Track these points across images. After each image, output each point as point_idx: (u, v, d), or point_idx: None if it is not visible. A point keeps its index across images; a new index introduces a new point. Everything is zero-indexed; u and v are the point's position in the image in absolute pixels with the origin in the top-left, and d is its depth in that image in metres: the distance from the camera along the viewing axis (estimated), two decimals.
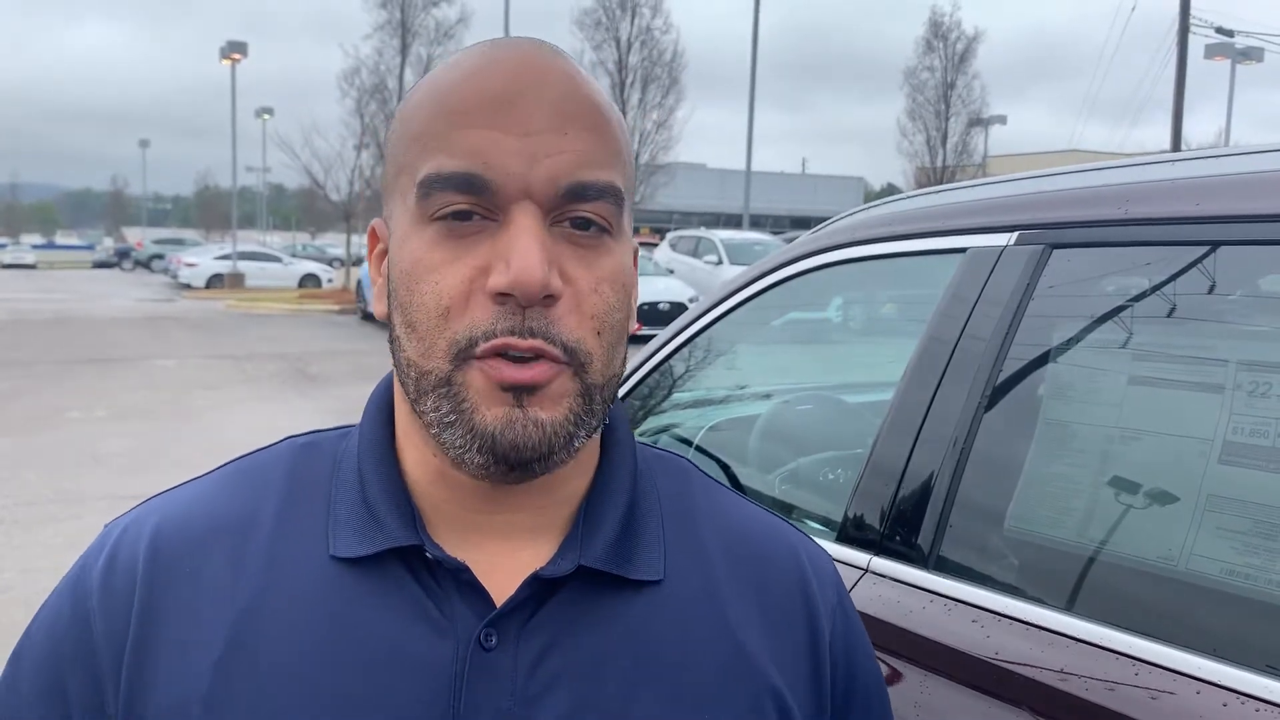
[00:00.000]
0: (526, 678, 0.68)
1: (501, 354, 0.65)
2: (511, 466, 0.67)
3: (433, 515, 0.73)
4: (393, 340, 0.71)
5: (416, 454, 0.73)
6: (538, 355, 0.65)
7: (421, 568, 0.71)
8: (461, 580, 0.70)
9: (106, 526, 0.77)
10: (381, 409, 0.78)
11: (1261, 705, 1.05)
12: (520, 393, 0.65)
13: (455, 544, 0.72)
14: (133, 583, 0.71)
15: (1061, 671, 1.21)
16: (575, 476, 0.75)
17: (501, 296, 0.65)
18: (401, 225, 0.70)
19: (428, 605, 0.70)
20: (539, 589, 0.70)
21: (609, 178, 0.68)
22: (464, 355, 0.66)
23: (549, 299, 0.65)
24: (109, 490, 6.79)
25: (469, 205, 0.66)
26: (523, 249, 0.64)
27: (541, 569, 0.70)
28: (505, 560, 0.72)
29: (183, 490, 0.78)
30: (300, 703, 0.67)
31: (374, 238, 0.77)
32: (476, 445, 0.66)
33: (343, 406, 10.34)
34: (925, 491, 1.49)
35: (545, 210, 0.66)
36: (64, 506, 6.39)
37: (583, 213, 0.67)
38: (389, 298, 0.72)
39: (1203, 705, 1.09)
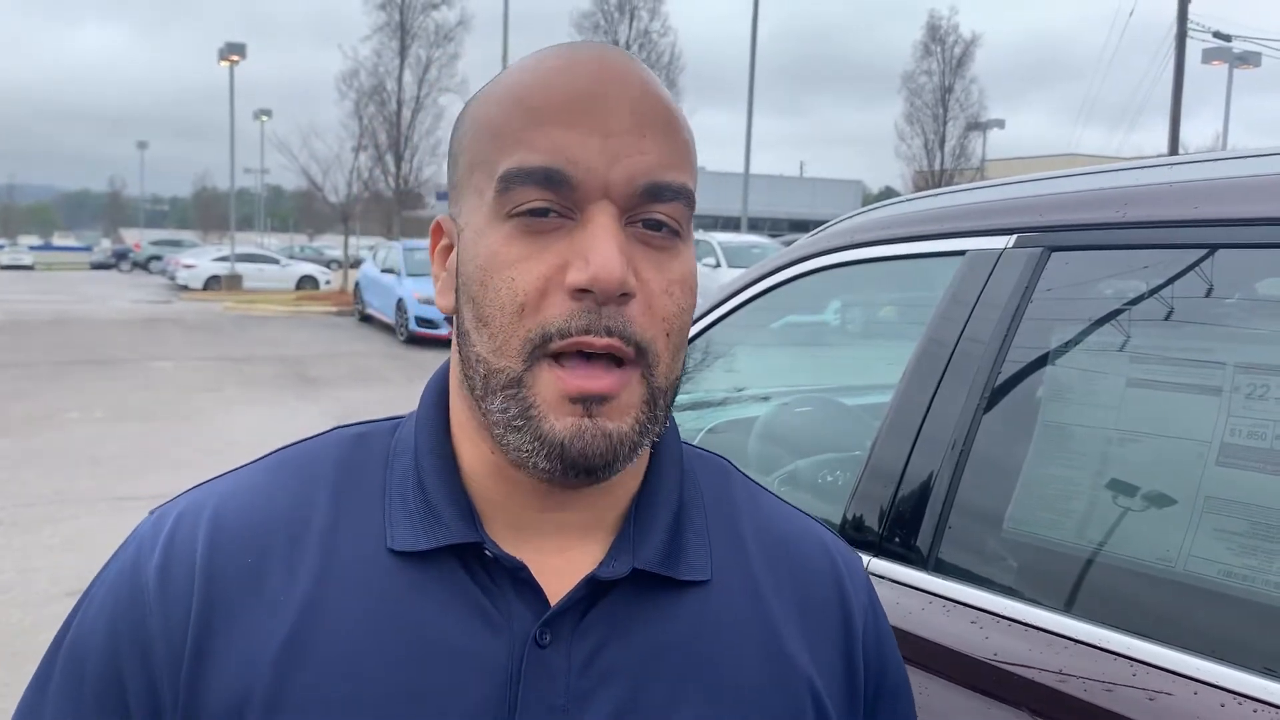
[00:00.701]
0: (579, 676, 0.69)
1: (576, 354, 0.66)
2: (578, 474, 0.67)
3: (487, 511, 0.73)
4: (461, 335, 0.72)
5: (474, 449, 0.74)
6: (610, 357, 0.66)
7: (477, 564, 0.71)
8: (518, 578, 0.71)
9: (154, 514, 0.76)
10: (437, 402, 0.78)
11: (1259, 706, 1.06)
12: (590, 403, 0.66)
13: (509, 541, 0.73)
14: (191, 577, 0.70)
15: (1060, 672, 1.22)
16: (628, 477, 0.75)
17: (579, 293, 0.65)
18: (475, 220, 0.70)
19: (484, 602, 0.70)
20: (593, 589, 0.71)
21: (683, 180, 0.69)
22: (538, 353, 0.66)
23: (624, 297, 0.66)
24: (107, 492, 6.79)
25: (547, 202, 0.67)
26: (602, 246, 0.65)
27: (598, 570, 0.71)
28: (556, 558, 0.73)
29: (231, 480, 0.77)
30: (359, 697, 0.67)
31: (438, 233, 0.77)
32: (544, 452, 0.66)
33: (342, 409, 10.33)
34: (924, 493, 1.49)
35: (621, 210, 0.67)
36: (62, 507, 6.38)
37: (656, 214, 0.68)
38: (457, 293, 0.72)
39: (1200, 706, 1.09)
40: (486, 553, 0.71)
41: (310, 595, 0.70)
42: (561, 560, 0.73)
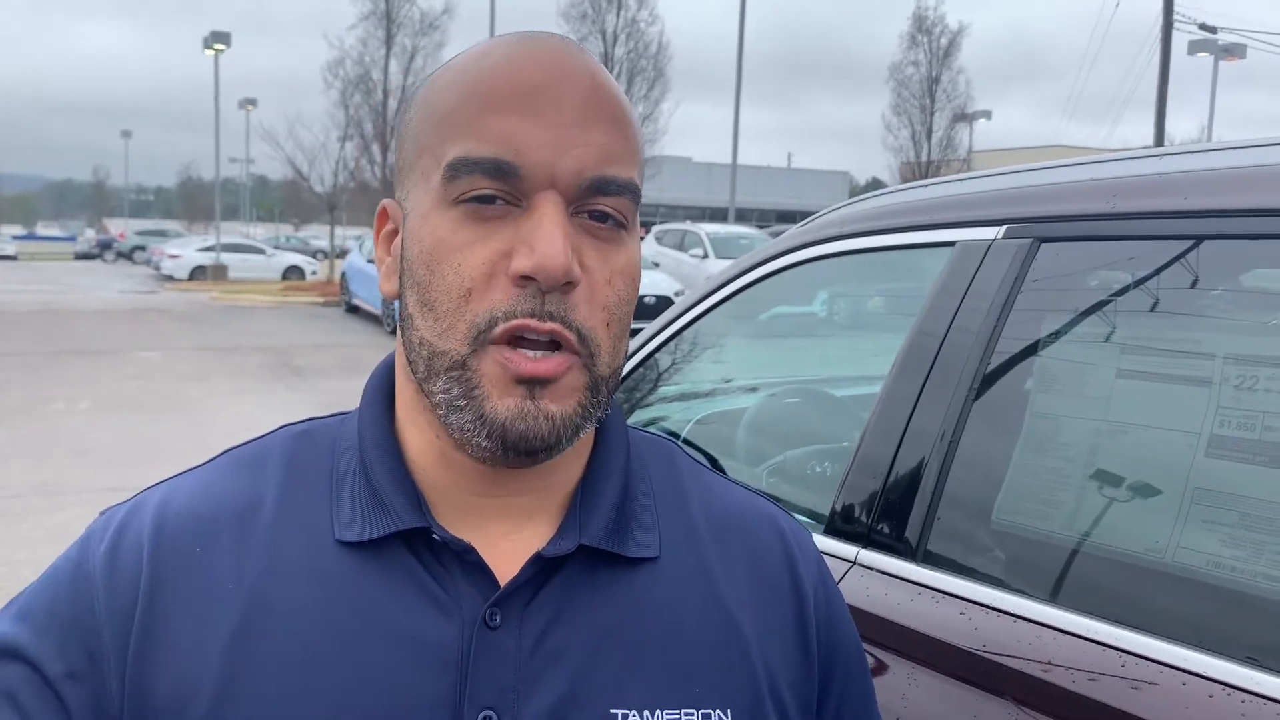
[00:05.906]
0: (529, 656, 0.70)
1: (518, 338, 0.67)
2: (518, 455, 0.68)
3: (434, 497, 0.74)
4: (404, 319, 0.72)
5: (419, 436, 0.75)
6: (553, 341, 0.67)
7: (425, 550, 0.72)
8: (466, 561, 0.71)
9: (104, 513, 0.77)
10: (381, 391, 0.79)
11: (1247, 697, 1.06)
12: (534, 385, 0.67)
13: (457, 525, 0.73)
14: (138, 570, 0.71)
15: (1049, 663, 1.22)
16: (573, 460, 0.77)
17: (524, 280, 0.66)
18: (421, 206, 0.71)
19: (433, 586, 0.71)
20: (541, 568, 0.72)
21: (629, 174, 0.70)
22: (482, 338, 0.67)
23: (568, 285, 0.67)
24: (92, 483, 6.75)
25: (494, 190, 0.67)
26: (548, 235, 0.66)
27: (544, 549, 0.72)
28: (505, 541, 0.74)
29: (182, 479, 0.78)
30: (309, 686, 0.68)
31: (383, 217, 0.77)
32: (485, 431, 0.67)
33: (329, 399, 10.30)
34: (913, 484, 1.49)
35: (568, 200, 0.68)
36: (47, 499, 6.35)
37: (602, 206, 0.69)
38: (400, 277, 0.73)
39: (1189, 697, 1.09)
40: (434, 537, 0.71)
41: (259, 588, 0.70)
42: (510, 543, 0.74)
